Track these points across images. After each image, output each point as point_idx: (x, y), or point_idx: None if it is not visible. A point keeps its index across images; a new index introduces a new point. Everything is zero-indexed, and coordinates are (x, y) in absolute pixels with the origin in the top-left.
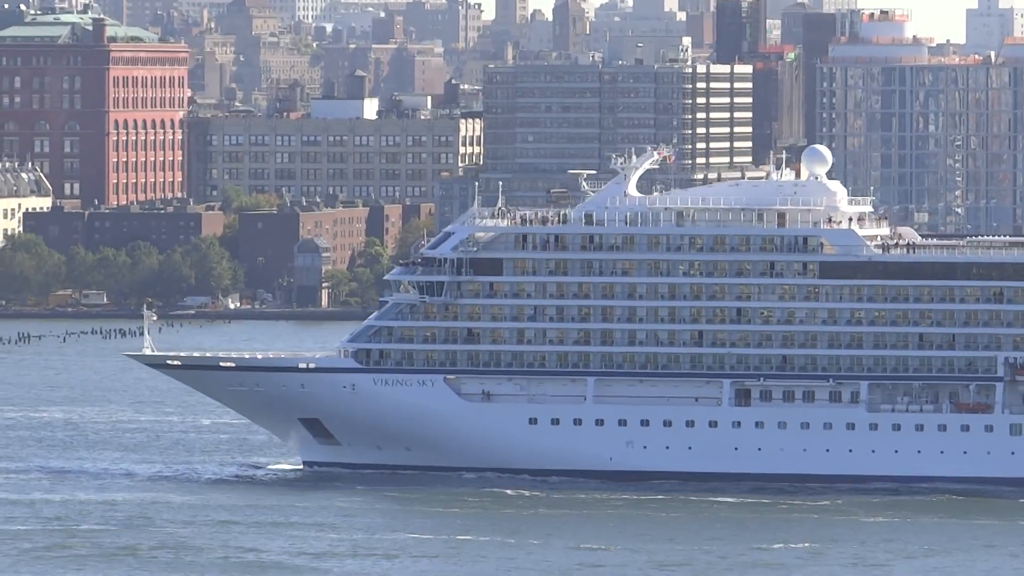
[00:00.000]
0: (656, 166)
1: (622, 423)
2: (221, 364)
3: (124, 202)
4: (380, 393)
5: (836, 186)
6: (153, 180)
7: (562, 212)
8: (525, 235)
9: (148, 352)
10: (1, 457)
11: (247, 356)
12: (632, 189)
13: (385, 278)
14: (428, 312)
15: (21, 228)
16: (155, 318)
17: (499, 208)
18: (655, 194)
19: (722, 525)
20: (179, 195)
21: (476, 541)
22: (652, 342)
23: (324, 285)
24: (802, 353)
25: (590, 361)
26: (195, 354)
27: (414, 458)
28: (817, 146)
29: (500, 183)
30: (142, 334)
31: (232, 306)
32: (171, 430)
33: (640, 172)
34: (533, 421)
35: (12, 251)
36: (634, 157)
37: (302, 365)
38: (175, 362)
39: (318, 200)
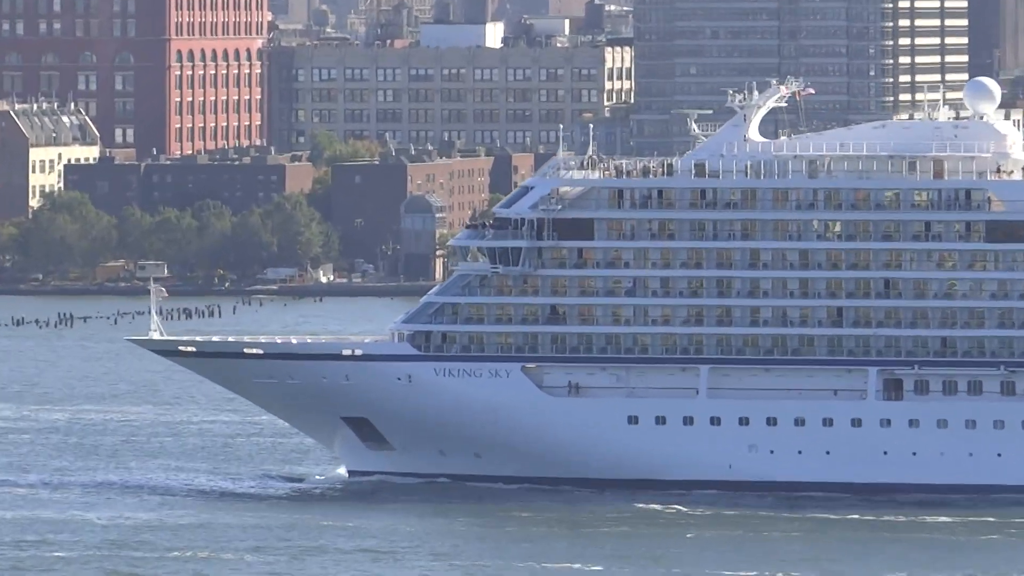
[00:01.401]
0: (783, 104)
1: (743, 422)
2: (245, 351)
3: (189, 152)
4: (443, 386)
5: (1007, 127)
6: (225, 124)
7: (668, 161)
8: (622, 190)
9: (155, 336)
10: (37, 467)
11: (278, 341)
12: (754, 132)
13: (449, 244)
14: (502, 285)
15: (62, 184)
16: (165, 294)
17: (589, 156)
18: (782, 138)
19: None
20: (257, 143)
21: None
22: (780, 322)
23: (438, 253)
24: (966, 335)
25: (703, 346)
26: (214, 338)
27: (485, 466)
28: (982, 78)
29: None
30: (208, 315)
31: (324, 280)
32: (218, 432)
33: (763, 112)
34: (632, 420)
35: (51, 212)
36: (756, 93)
37: (346, 352)
38: (188, 348)
39: (430, 148)
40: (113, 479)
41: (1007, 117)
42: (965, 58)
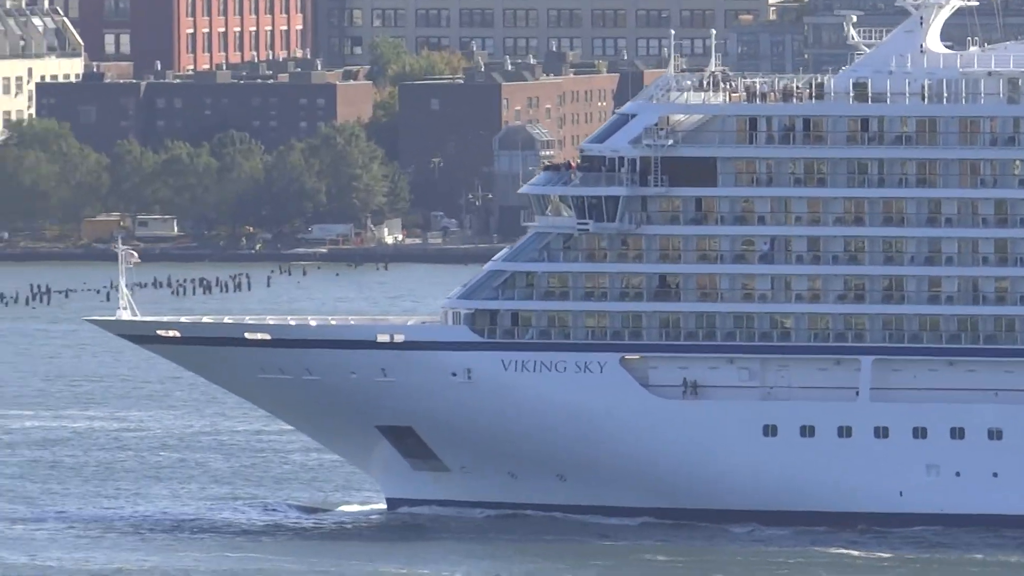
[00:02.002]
0: (973, 1)
1: (919, 434)
2: (247, 336)
3: (205, 67)
4: (514, 385)
5: None
6: (255, 30)
7: (817, 79)
8: (754, 118)
9: (125, 315)
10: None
11: (292, 323)
12: (934, 40)
13: (521, 191)
14: (593, 248)
15: (33, 110)
16: (136, 258)
17: (711, 72)
18: (972, 49)
19: None
20: (298, 54)
21: None
22: (967, 298)
23: None
24: None
25: (865, 330)
26: (205, 319)
27: (570, 493)
28: None
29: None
30: (234, 287)
31: (389, 240)
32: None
33: (947, 13)
34: (769, 431)
35: (19, 149)
36: None
37: (383, 338)
38: (170, 332)
39: (532, 62)
40: (101, 511)
41: None
42: None
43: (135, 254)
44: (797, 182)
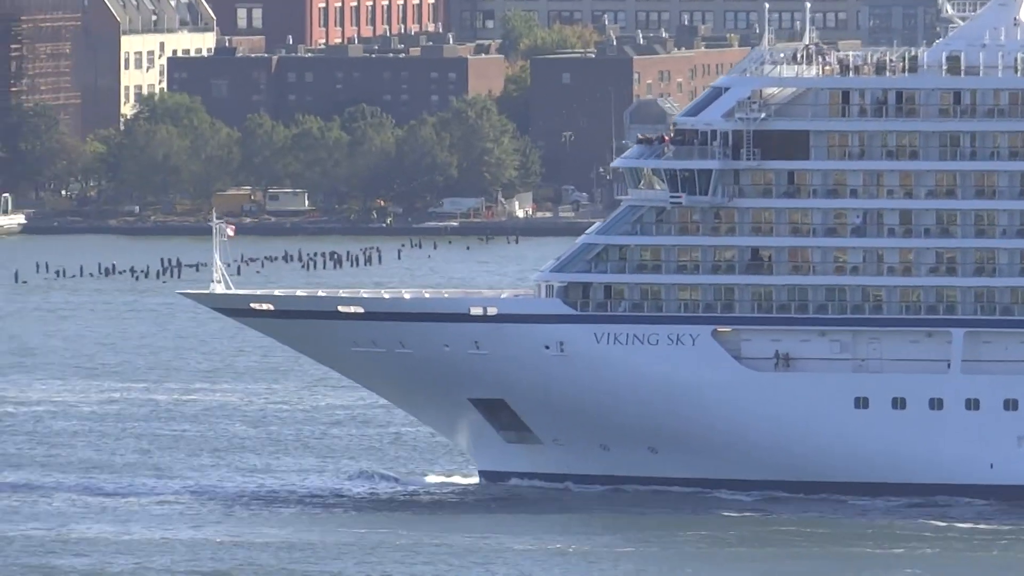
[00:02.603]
0: None
1: (1010, 406)
2: (340, 309)
3: (337, 40)
4: (606, 357)
5: None
6: (387, 3)
7: (910, 52)
8: (847, 91)
9: (219, 289)
10: (108, 467)
11: (386, 296)
12: None
13: (614, 164)
14: (685, 221)
15: (165, 84)
16: (231, 232)
17: (805, 46)
18: None
19: None
20: (430, 28)
21: None
22: None
23: None
24: None
25: (956, 303)
26: (299, 292)
27: (662, 465)
28: None
29: None
30: (364, 261)
31: (520, 213)
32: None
33: None
34: (861, 403)
35: (149, 123)
36: None
37: (476, 310)
38: (264, 305)
39: (664, 35)
40: (226, 485)
41: None
42: None
43: (230, 228)
44: (889, 155)
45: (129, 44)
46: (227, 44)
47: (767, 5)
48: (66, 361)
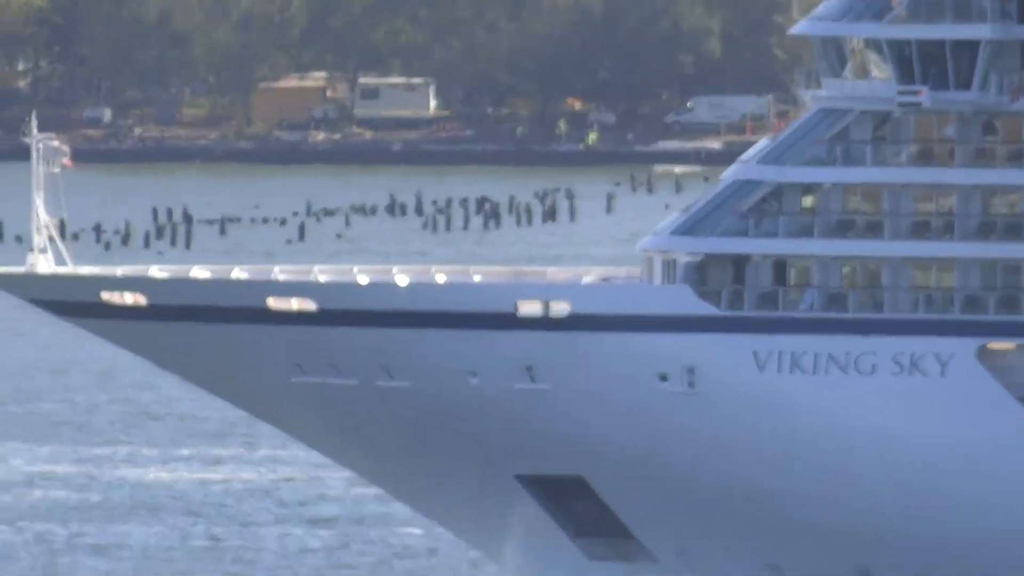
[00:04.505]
0: None
1: None
2: (272, 304)
3: None
4: (778, 397)
5: None
6: None
7: None
8: None
9: (43, 267)
10: None
11: (362, 280)
12: None
13: (793, 31)
14: (930, 137)
15: None
16: (67, 161)
17: None
18: None
19: None
20: None
21: None
22: None
23: None
24: None
25: None
26: (195, 271)
27: None
28: None
29: None
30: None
31: None
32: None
33: None
34: None
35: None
36: None
37: (527, 308)
38: (128, 296)
39: None
40: None
41: None
42: None
43: (63, 155)
44: None
45: None
46: None
47: None
48: None
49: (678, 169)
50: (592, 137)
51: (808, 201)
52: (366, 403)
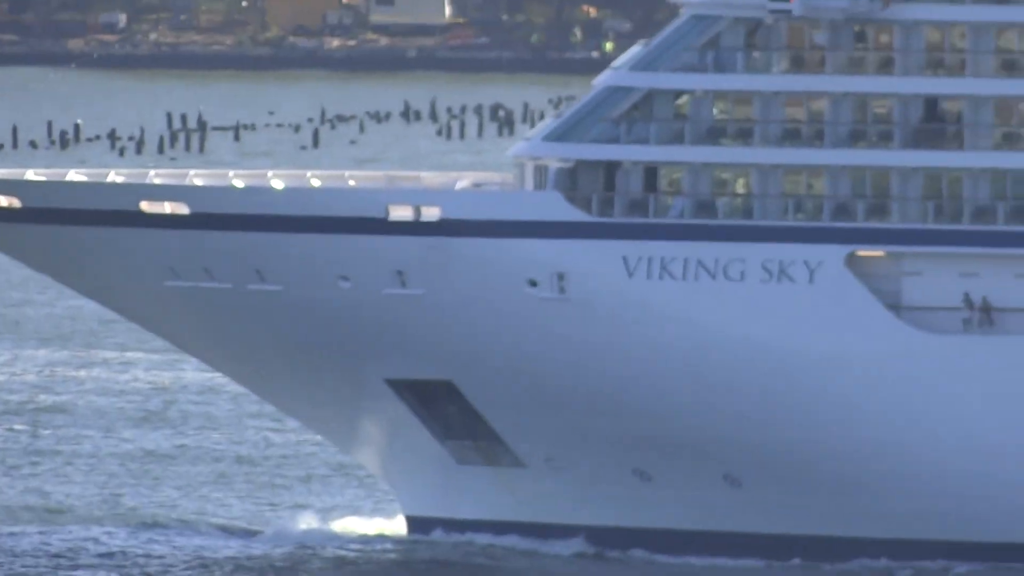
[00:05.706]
0: None
1: None
2: (145, 207)
3: None
4: (646, 303)
5: None
6: None
7: None
8: None
9: None
10: None
11: (233, 182)
12: None
13: None
14: (800, 43)
15: None
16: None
17: None
18: None
19: None
20: None
21: None
22: None
23: None
24: None
25: None
26: (72, 176)
27: (750, 512)
28: None
29: None
30: None
31: None
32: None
33: None
34: None
35: None
36: None
37: (399, 212)
38: (4, 199)
39: None
40: None
41: None
42: None
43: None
44: None
45: None
46: None
47: None
48: None
49: None
50: (608, 45)
51: (679, 108)
52: (239, 307)
